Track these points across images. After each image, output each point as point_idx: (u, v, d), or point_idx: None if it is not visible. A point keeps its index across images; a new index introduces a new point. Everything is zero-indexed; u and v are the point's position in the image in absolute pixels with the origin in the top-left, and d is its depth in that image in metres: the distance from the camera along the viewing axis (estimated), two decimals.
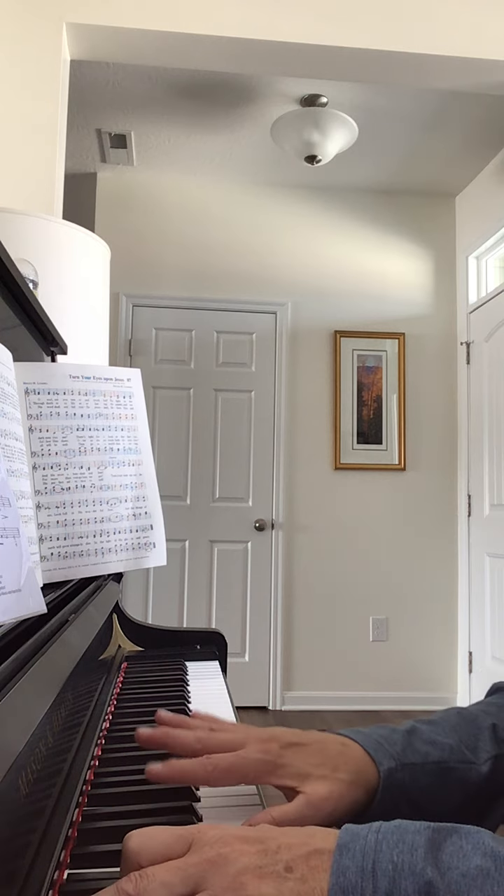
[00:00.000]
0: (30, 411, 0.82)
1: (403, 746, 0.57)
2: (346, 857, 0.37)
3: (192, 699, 0.90)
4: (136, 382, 0.94)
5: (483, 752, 0.59)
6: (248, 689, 3.75)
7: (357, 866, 0.36)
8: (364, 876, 0.35)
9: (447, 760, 0.58)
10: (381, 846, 0.37)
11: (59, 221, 1.75)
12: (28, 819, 0.44)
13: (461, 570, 3.89)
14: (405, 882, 0.35)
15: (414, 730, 0.60)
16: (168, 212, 3.98)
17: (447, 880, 0.34)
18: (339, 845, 0.37)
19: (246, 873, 0.37)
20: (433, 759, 0.57)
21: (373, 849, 0.37)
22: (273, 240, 4.01)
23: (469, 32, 2.54)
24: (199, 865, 0.38)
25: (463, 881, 0.34)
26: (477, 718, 0.62)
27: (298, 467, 3.90)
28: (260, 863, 0.38)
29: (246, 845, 0.39)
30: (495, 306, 3.65)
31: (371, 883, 0.35)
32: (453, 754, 0.58)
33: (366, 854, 0.36)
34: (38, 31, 2.40)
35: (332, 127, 3.14)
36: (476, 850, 0.36)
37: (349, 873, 0.36)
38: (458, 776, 0.57)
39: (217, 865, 0.38)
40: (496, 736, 0.60)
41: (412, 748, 0.57)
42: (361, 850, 0.37)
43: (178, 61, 2.59)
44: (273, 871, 0.37)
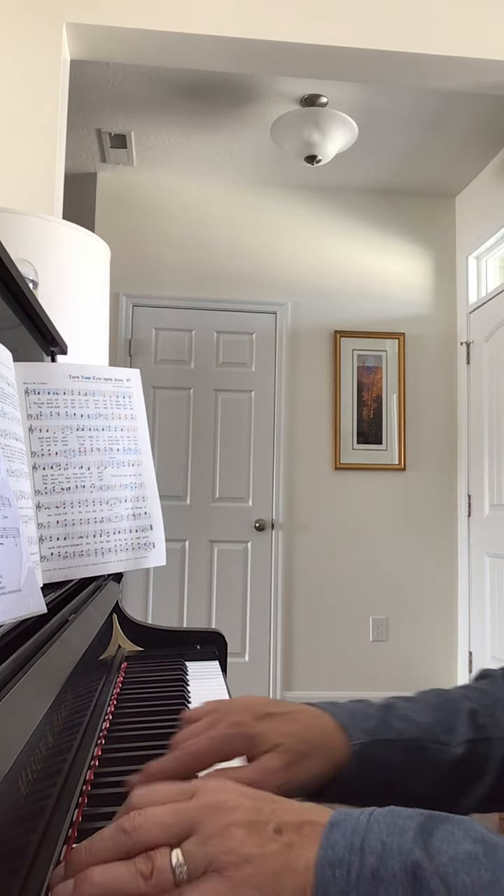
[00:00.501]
0: (30, 411, 0.82)
1: (378, 722, 0.58)
2: (336, 833, 0.37)
3: (192, 699, 0.90)
4: (136, 382, 0.94)
5: (459, 735, 0.59)
6: (248, 689, 3.75)
7: (346, 842, 0.36)
8: (352, 852, 0.36)
9: (421, 739, 0.58)
10: (371, 826, 0.37)
11: (59, 221, 1.75)
12: (28, 819, 0.44)
13: (461, 570, 3.89)
14: (392, 861, 0.35)
15: (390, 706, 0.60)
16: (168, 212, 3.98)
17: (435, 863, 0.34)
18: (331, 822, 0.38)
19: (235, 825, 0.38)
20: (407, 737, 0.57)
21: (363, 828, 0.37)
22: (273, 240, 4.01)
23: (469, 32, 2.54)
24: (196, 809, 0.39)
25: (451, 864, 0.34)
26: (457, 701, 0.62)
27: (298, 467, 3.90)
28: (252, 818, 0.38)
29: (243, 798, 0.40)
30: (495, 306, 3.65)
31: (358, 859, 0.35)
32: (427, 734, 0.58)
33: (356, 832, 0.37)
34: (38, 31, 2.40)
35: (332, 127, 3.14)
36: (466, 835, 0.36)
37: (338, 848, 0.36)
38: (430, 756, 0.57)
39: (211, 811, 0.39)
40: (474, 721, 0.60)
41: (387, 724, 0.58)
42: (352, 828, 0.37)
43: (178, 61, 2.59)
44: (263, 831, 0.38)
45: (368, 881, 0.35)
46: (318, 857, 0.36)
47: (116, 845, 0.39)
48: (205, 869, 0.37)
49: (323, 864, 0.36)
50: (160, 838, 0.38)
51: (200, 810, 0.39)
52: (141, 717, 0.79)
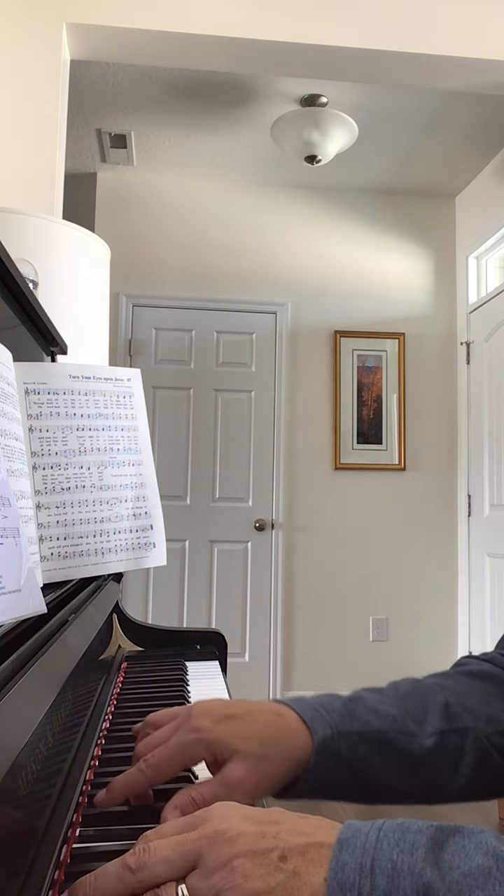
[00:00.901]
0: (30, 411, 0.82)
1: (342, 714, 0.57)
2: (346, 853, 0.36)
3: (192, 699, 0.90)
4: (136, 382, 0.94)
5: (429, 726, 0.58)
6: (248, 689, 3.75)
7: (356, 863, 0.36)
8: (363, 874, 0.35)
9: (387, 731, 0.57)
10: (381, 844, 0.36)
11: (59, 221, 1.75)
12: (28, 819, 0.44)
13: (461, 570, 3.89)
14: (404, 882, 0.34)
15: (357, 697, 0.59)
16: (168, 212, 3.98)
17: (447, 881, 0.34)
18: (340, 840, 0.37)
19: (239, 856, 0.37)
20: (373, 728, 0.56)
21: (373, 846, 0.36)
22: (273, 240, 4.01)
23: (469, 32, 2.54)
24: (199, 841, 0.39)
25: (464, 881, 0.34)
26: (429, 692, 0.61)
27: (298, 467, 3.90)
28: (255, 847, 0.38)
29: (246, 825, 0.39)
30: (495, 306, 3.65)
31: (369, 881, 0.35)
32: (395, 724, 0.57)
33: (365, 851, 0.36)
34: (38, 32, 2.40)
35: (332, 127, 3.14)
36: (478, 849, 0.35)
37: (347, 869, 0.36)
38: (398, 747, 0.57)
39: (214, 843, 0.38)
40: (447, 712, 0.59)
41: (352, 716, 0.57)
42: (362, 846, 0.36)
43: (178, 61, 2.59)
44: (266, 859, 0.37)
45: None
46: (329, 881, 0.36)
47: (122, 884, 0.39)
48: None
49: (333, 887, 0.35)
50: (165, 875, 0.38)
51: (203, 842, 0.39)
52: (141, 717, 0.79)
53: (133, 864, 0.39)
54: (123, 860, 0.39)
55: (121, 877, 0.39)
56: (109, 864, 0.40)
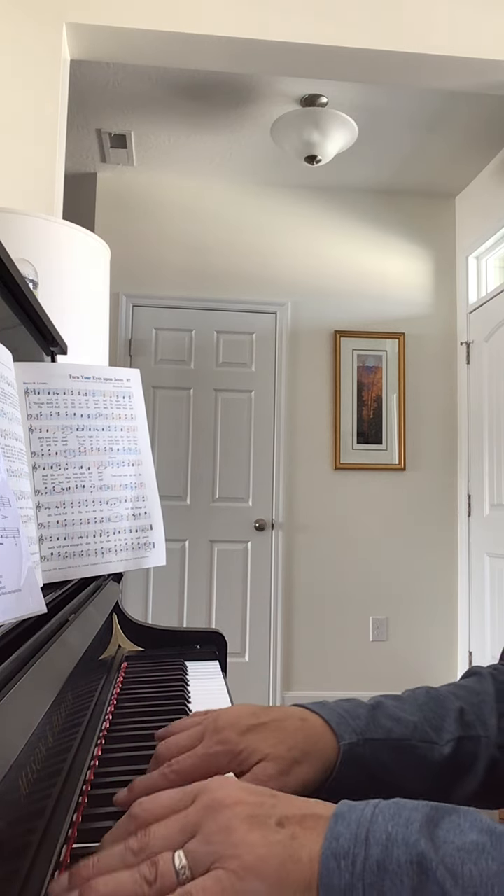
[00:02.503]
0: (30, 411, 0.82)
1: (367, 721, 0.57)
2: (341, 824, 0.37)
3: (192, 699, 0.90)
4: (136, 383, 0.94)
5: (446, 734, 0.59)
6: (248, 689, 3.75)
7: (351, 833, 0.36)
8: (357, 843, 0.36)
9: (409, 738, 0.58)
10: (376, 817, 0.37)
11: (59, 221, 1.75)
12: (28, 819, 0.44)
13: (461, 570, 3.89)
14: (398, 851, 0.35)
15: (379, 705, 0.60)
16: (168, 212, 3.98)
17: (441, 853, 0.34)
18: (336, 813, 0.38)
19: (237, 819, 0.38)
20: (395, 736, 0.57)
21: (368, 819, 0.37)
22: (273, 240, 4.01)
23: (469, 32, 2.54)
24: (197, 813, 0.40)
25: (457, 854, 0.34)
26: (445, 700, 0.62)
27: (298, 467, 3.90)
28: (253, 812, 0.39)
29: (244, 794, 0.40)
30: (495, 306, 3.65)
31: (363, 850, 0.35)
32: (416, 732, 0.58)
33: (360, 823, 0.37)
34: (38, 32, 2.40)
35: (332, 127, 3.14)
36: (473, 826, 0.36)
37: (342, 839, 0.36)
38: (419, 754, 0.57)
39: (212, 810, 0.39)
40: (462, 719, 0.60)
41: (375, 723, 0.57)
42: (357, 819, 0.37)
43: (178, 61, 2.59)
44: (265, 824, 0.38)
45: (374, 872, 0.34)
46: (323, 849, 0.36)
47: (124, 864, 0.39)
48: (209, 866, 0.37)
49: (328, 855, 0.36)
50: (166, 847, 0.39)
51: (201, 812, 0.39)
52: (141, 717, 0.79)
53: (135, 847, 0.40)
54: (126, 843, 0.40)
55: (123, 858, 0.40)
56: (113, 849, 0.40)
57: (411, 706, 0.61)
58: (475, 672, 0.69)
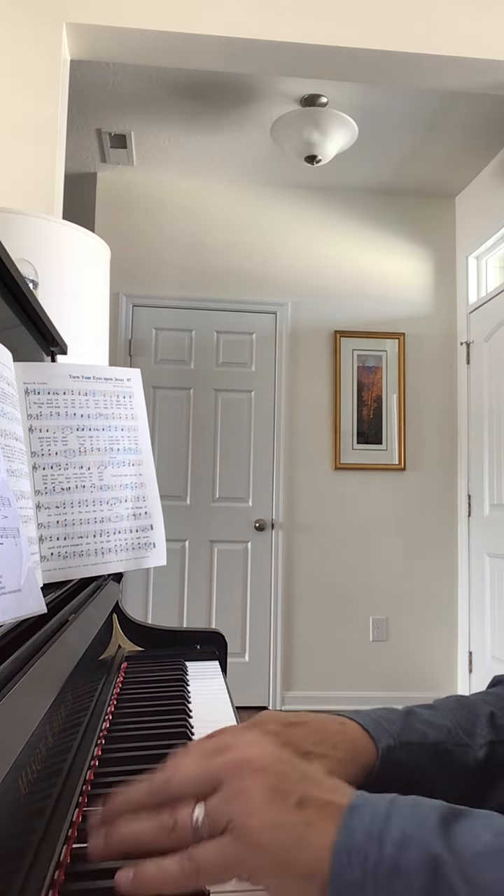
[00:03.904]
0: (30, 411, 0.82)
1: (402, 726, 0.58)
2: (356, 818, 0.37)
3: (192, 699, 0.90)
4: (136, 382, 0.94)
5: (479, 738, 0.59)
6: (248, 689, 3.75)
7: (365, 829, 0.36)
8: (370, 839, 0.36)
9: (444, 742, 0.58)
10: (392, 815, 0.37)
11: (59, 221, 1.75)
12: (28, 819, 0.44)
13: (461, 570, 3.88)
14: (412, 852, 0.35)
15: (412, 711, 0.61)
16: (168, 212, 3.98)
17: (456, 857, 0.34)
18: (351, 806, 0.38)
19: (259, 787, 0.39)
20: (431, 741, 0.58)
21: (383, 816, 0.37)
22: (273, 240, 4.01)
23: (469, 32, 2.54)
24: (223, 766, 0.41)
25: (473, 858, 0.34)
26: (475, 705, 0.63)
27: (298, 467, 3.90)
28: (277, 784, 0.39)
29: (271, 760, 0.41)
30: (495, 306, 3.65)
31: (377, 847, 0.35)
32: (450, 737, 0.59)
33: (374, 819, 0.37)
34: (38, 31, 2.40)
35: (332, 127, 3.14)
36: (487, 828, 0.36)
37: (356, 834, 0.36)
38: (454, 759, 0.58)
39: (238, 769, 0.40)
40: (493, 723, 0.61)
41: (410, 728, 0.58)
42: (371, 814, 0.37)
43: (178, 61, 2.59)
44: (285, 800, 0.38)
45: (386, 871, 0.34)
46: (336, 843, 0.36)
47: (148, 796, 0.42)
48: (224, 827, 0.38)
49: (339, 849, 0.36)
50: (188, 791, 0.41)
51: (227, 766, 0.41)
52: (141, 717, 0.79)
53: (159, 780, 0.42)
54: (152, 776, 0.43)
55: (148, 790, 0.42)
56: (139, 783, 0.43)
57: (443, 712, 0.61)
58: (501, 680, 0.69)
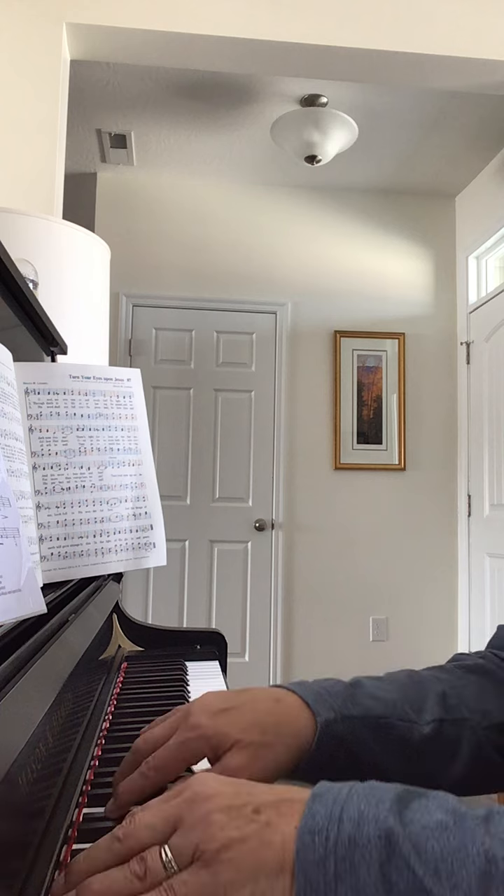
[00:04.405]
0: (30, 411, 0.82)
1: (345, 698, 0.58)
2: (318, 803, 0.39)
3: (193, 699, 0.90)
4: (136, 382, 0.94)
5: (427, 714, 0.59)
6: None
7: (326, 811, 0.38)
8: (331, 820, 0.38)
9: (388, 716, 0.58)
10: (351, 797, 0.39)
11: (59, 221, 1.75)
12: (28, 819, 0.44)
13: (461, 570, 3.88)
14: (368, 827, 0.37)
15: (358, 683, 0.60)
16: (168, 212, 3.98)
17: (408, 830, 0.36)
18: (314, 794, 0.40)
19: (215, 811, 0.40)
20: (374, 714, 0.58)
21: (343, 799, 0.39)
22: (273, 240, 4.01)
23: (469, 32, 2.54)
24: (178, 805, 0.41)
25: (422, 832, 0.36)
26: (426, 682, 0.63)
27: (298, 467, 3.90)
28: (231, 802, 0.40)
29: (221, 787, 0.42)
30: (495, 306, 3.65)
31: (336, 826, 0.37)
32: (395, 711, 0.58)
33: (336, 802, 0.39)
34: (38, 31, 2.40)
35: (332, 127, 3.14)
36: (439, 807, 0.38)
37: (318, 817, 0.38)
38: (398, 733, 0.58)
39: (192, 803, 0.41)
40: (445, 702, 0.60)
41: (354, 700, 0.58)
42: (332, 798, 0.39)
43: (178, 61, 2.59)
44: (241, 812, 0.40)
45: (345, 846, 0.36)
46: (300, 826, 0.38)
47: (111, 853, 0.41)
48: (191, 858, 0.39)
49: (303, 832, 0.38)
50: (150, 839, 0.41)
51: (182, 805, 0.41)
52: (141, 717, 0.79)
53: (120, 835, 0.42)
54: (112, 833, 0.42)
55: (110, 846, 0.42)
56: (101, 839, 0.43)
57: (391, 685, 0.61)
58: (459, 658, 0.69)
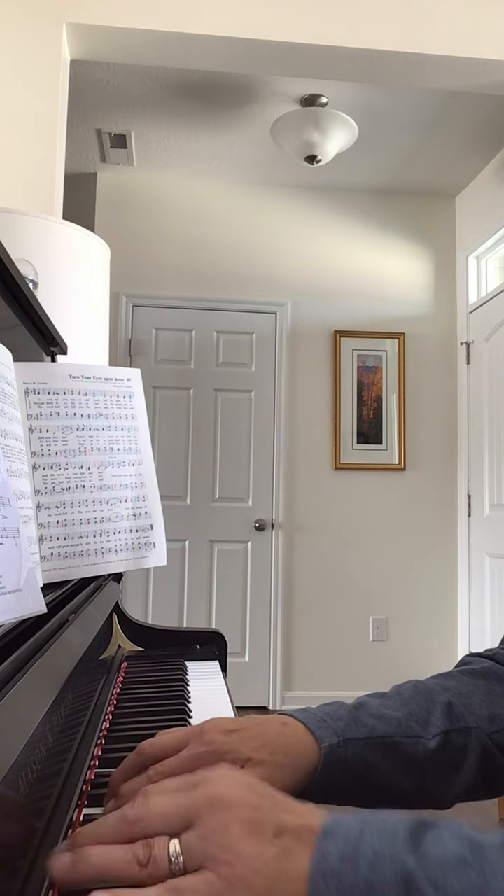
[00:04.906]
0: (30, 411, 0.82)
1: (348, 722, 0.58)
2: (329, 842, 0.37)
3: (192, 699, 0.90)
4: (136, 382, 0.94)
5: (433, 727, 0.59)
6: (248, 689, 3.75)
7: (339, 851, 0.36)
8: (344, 861, 0.36)
9: (392, 735, 0.58)
10: (363, 834, 0.37)
11: (59, 221, 1.75)
12: (28, 819, 0.44)
13: (461, 570, 3.88)
14: (385, 869, 0.35)
15: (362, 704, 0.60)
16: (168, 212, 3.98)
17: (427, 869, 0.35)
18: (324, 830, 0.38)
19: (236, 822, 0.38)
20: (378, 734, 0.58)
21: (355, 836, 0.37)
22: (273, 240, 4.01)
23: (469, 32, 2.54)
24: (197, 801, 0.40)
25: (440, 868, 0.35)
26: (432, 693, 0.62)
27: (298, 467, 3.90)
28: (253, 816, 0.39)
29: (246, 793, 0.40)
30: (495, 306, 3.65)
31: (351, 868, 0.36)
32: (400, 728, 0.58)
33: (348, 840, 0.37)
34: (38, 31, 2.40)
35: (332, 127, 3.14)
36: (453, 837, 0.36)
37: (330, 857, 0.36)
38: (404, 750, 0.58)
39: (213, 806, 0.39)
40: (451, 712, 0.61)
41: (357, 723, 0.58)
42: (344, 836, 0.37)
43: (178, 61, 2.59)
44: (262, 831, 0.38)
45: (362, 890, 0.35)
46: (311, 868, 0.36)
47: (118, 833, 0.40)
48: (201, 863, 0.37)
49: (315, 874, 0.36)
50: (160, 829, 0.39)
51: (202, 802, 0.40)
52: (141, 717, 0.79)
53: (131, 816, 0.40)
54: (122, 811, 0.41)
55: (117, 826, 0.40)
56: (109, 815, 0.41)
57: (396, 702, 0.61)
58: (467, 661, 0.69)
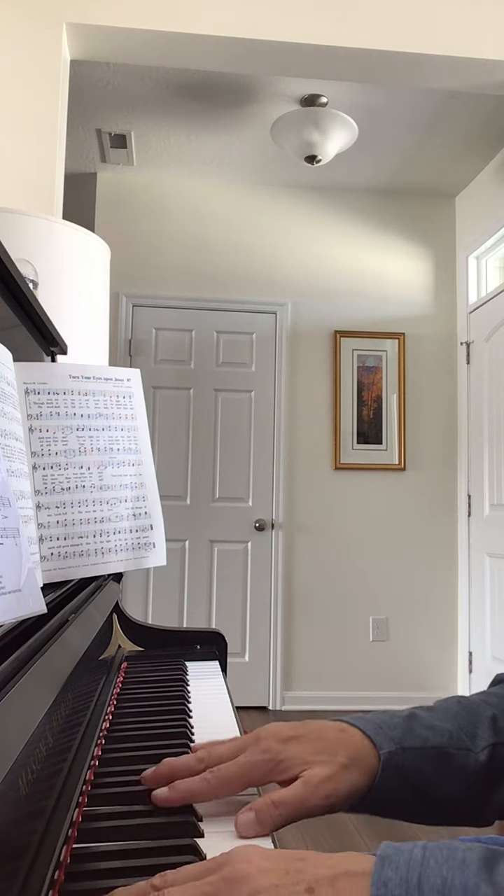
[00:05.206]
0: (30, 411, 0.82)
1: (403, 731, 0.58)
2: (389, 869, 0.34)
3: (192, 699, 0.90)
4: (136, 382, 0.94)
5: (481, 741, 0.59)
6: (248, 689, 3.75)
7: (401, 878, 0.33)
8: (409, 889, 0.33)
9: (445, 746, 0.58)
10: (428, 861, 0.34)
11: (59, 221, 1.75)
12: (28, 819, 0.44)
13: (461, 570, 3.88)
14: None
15: (414, 715, 0.60)
16: (168, 212, 3.98)
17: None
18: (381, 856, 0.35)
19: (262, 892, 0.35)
20: (432, 744, 0.58)
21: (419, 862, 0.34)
22: (273, 240, 4.01)
23: (469, 32, 2.54)
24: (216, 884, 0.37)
25: None
26: (477, 707, 0.62)
27: (298, 467, 3.90)
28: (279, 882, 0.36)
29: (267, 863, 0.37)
30: (495, 306, 3.65)
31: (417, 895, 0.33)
32: (451, 740, 0.58)
33: (411, 867, 0.34)
34: (38, 31, 2.40)
35: (332, 127, 3.14)
36: None
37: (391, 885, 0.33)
38: (456, 762, 0.58)
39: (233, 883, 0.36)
40: (496, 725, 0.61)
41: (412, 732, 0.58)
42: (406, 862, 0.34)
43: (178, 61, 2.59)
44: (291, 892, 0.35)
45: None
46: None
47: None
48: None
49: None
50: None
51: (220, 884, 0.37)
52: (141, 717, 0.79)
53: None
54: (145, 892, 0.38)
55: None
56: None
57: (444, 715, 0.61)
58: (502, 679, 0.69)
